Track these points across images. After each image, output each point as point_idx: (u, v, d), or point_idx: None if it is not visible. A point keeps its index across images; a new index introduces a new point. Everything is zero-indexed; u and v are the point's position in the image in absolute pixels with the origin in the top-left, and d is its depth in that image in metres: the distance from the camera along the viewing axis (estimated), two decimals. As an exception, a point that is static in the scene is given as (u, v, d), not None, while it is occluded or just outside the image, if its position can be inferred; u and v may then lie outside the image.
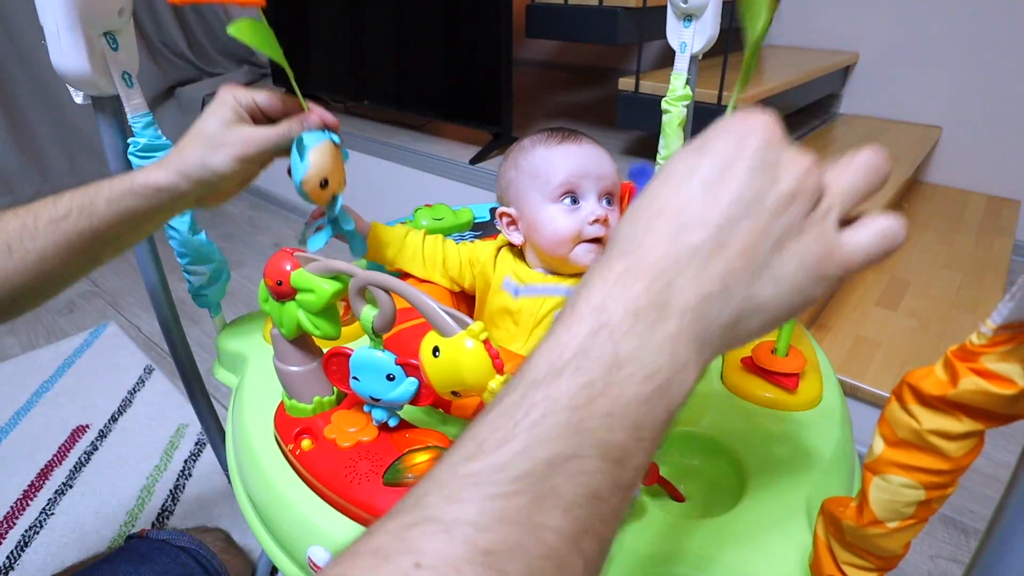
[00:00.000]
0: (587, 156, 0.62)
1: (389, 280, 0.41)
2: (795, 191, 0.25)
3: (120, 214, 0.49)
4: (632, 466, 0.23)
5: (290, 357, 0.49)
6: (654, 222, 0.25)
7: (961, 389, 0.27)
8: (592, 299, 0.24)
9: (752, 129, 0.25)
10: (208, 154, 0.50)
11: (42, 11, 0.52)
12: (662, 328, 0.23)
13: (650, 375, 0.23)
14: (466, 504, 0.20)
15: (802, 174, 0.25)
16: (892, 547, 0.32)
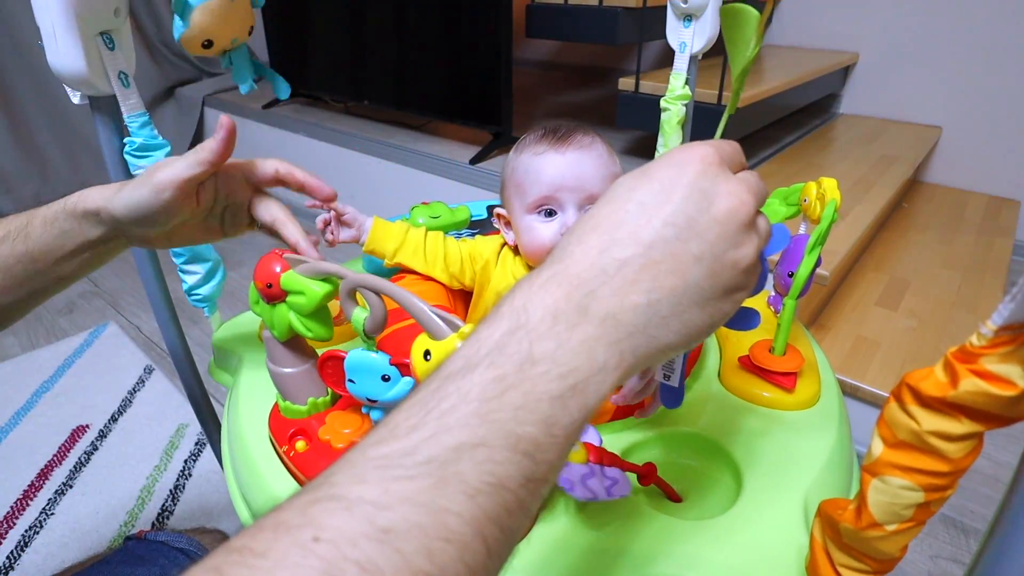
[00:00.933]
0: (568, 166, 0.60)
1: (379, 282, 0.41)
2: (726, 219, 0.26)
3: (53, 236, 0.47)
4: (543, 460, 0.23)
5: (283, 359, 0.49)
6: (587, 236, 0.26)
7: (961, 391, 0.26)
8: (515, 301, 0.25)
9: (691, 159, 0.27)
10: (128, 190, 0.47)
11: (38, 11, 0.52)
12: (580, 331, 0.24)
13: (565, 374, 0.23)
14: (370, 485, 0.21)
15: (735, 204, 0.27)
16: (890, 550, 0.32)
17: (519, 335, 0.24)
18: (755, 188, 0.28)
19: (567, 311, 0.24)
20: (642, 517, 0.43)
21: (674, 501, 0.46)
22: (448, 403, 0.22)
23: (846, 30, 2.01)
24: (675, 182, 0.26)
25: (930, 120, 1.96)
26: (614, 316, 0.25)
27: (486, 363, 0.23)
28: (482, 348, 0.24)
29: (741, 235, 0.27)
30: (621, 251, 0.25)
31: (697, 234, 0.26)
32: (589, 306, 0.24)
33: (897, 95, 2.00)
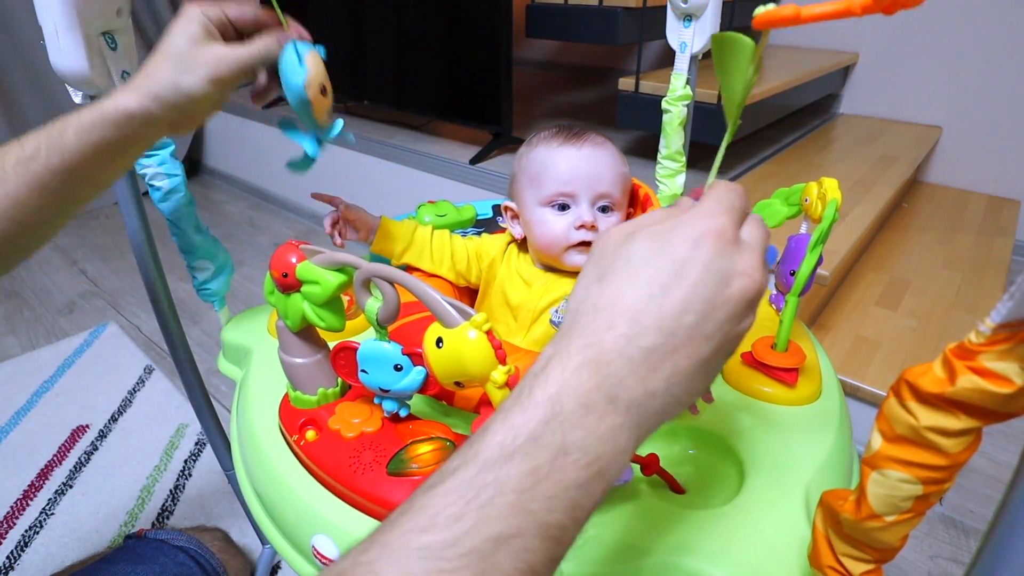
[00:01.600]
0: (584, 160, 0.62)
1: (393, 272, 0.41)
2: (738, 299, 0.28)
3: (92, 145, 0.46)
4: (566, 541, 0.25)
5: (295, 349, 0.50)
6: (615, 321, 0.27)
7: (959, 387, 0.27)
8: (549, 388, 0.26)
9: (707, 235, 0.28)
10: (180, 76, 0.46)
11: (40, 11, 0.52)
12: (608, 420, 0.26)
13: (591, 461, 0.25)
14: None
15: (747, 284, 0.28)
16: (889, 540, 0.32)
17: (553, 425, 0.25)
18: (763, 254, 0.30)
19: (597, 402, 0.26)
20: (644, 506, 0.44)
21: (677, 492, 0.46)
22: (487, 495, 0.24)
23: (846, 30, 2.01)
24: (692, 260, 0.27)
25: (930, 120, 1.96)
26: (638, 405, 0.26)
27: (522, 453, 0.25)
28: (519, 437, 0.25)
29: (748, 311, 0.29)
30: (646, 340, 0.27)
31: (712, 316, 0.27)
32: (618, 396, 0.26)
33: (897, 95, 2.00)
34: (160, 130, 0.49)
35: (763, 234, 0.30)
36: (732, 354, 0.29)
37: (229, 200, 2.35)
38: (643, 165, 1.55)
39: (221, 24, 0.49)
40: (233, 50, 0.48)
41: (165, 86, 0.46)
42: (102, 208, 2.28)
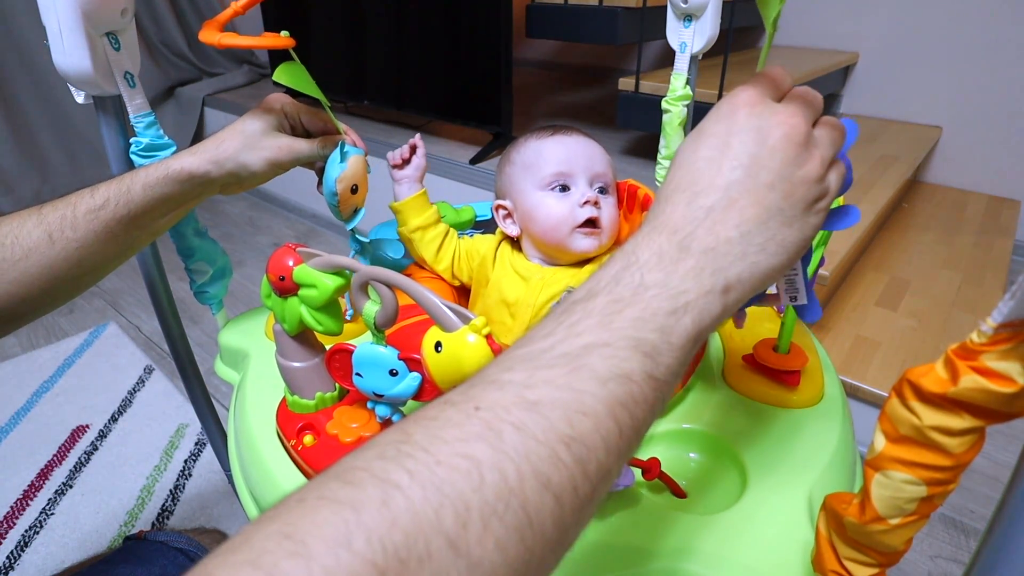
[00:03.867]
0: (577, 146, 0.64)
1: (391, 275, 0.41)
2: (783, 145, 0.30)
3: (155, 199, 0.52)
4: (662, 363, 0.27)
5: (292, 353, 0.50)
6: (672, 196, 0.30)
7: (961, 387, 0.27)
8: (625, 248, 0.29)
9: (736, 106, 0.31)
10: (245, 152, 0.55)
11: (44, 11, 0.52)
12: (684, 264, 0.28)
13: (675, 295, 0.27)
14: (516, 372, 0.25)
15: (787, 131, 0.30)
16: (894, 543, 0.32)
17: (631, 270, 0.28)
18: (802, 108, 0.31)
19: (670, 251, 0.28)
20: (646, 511, 0.44)
21: (679, 497, 0.46)
22: (575, 318, 0.27)
23: (846, 30, 2.01)
24: (729, 130, 0.30)
25: (930, 120, 1.96)
26: (713, 249, 0.28)
27: (605, 291, 0.27)
28: (601, 281, 0.28)
29: (802, 154, 0.30)
30: (704, 199, 0.29)
31: (763, 166, 0.29)
32: (689, 245, 0.28)
33: (897, 95, 2.00)
34: (214, 189, 0.57)
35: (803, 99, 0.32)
36: (820, 199, 0.31)
37: (229, 200, 2.35)
38: (643, 165, 1.55)
39: (294, 121, 0.58)
40: (294, 143, 0.57)
41: (229, 157, 0.54)
42: (102, 208, 2.28)
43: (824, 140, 0.32)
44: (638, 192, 0.69)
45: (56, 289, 0.51)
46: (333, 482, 0.21)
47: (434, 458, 0.21)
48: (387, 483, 0.20)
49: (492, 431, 0.22)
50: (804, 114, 0.31)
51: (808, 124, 0.31)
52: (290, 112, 0.57)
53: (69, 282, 0.52)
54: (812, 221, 0.31)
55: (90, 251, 0.51)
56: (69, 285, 0.52)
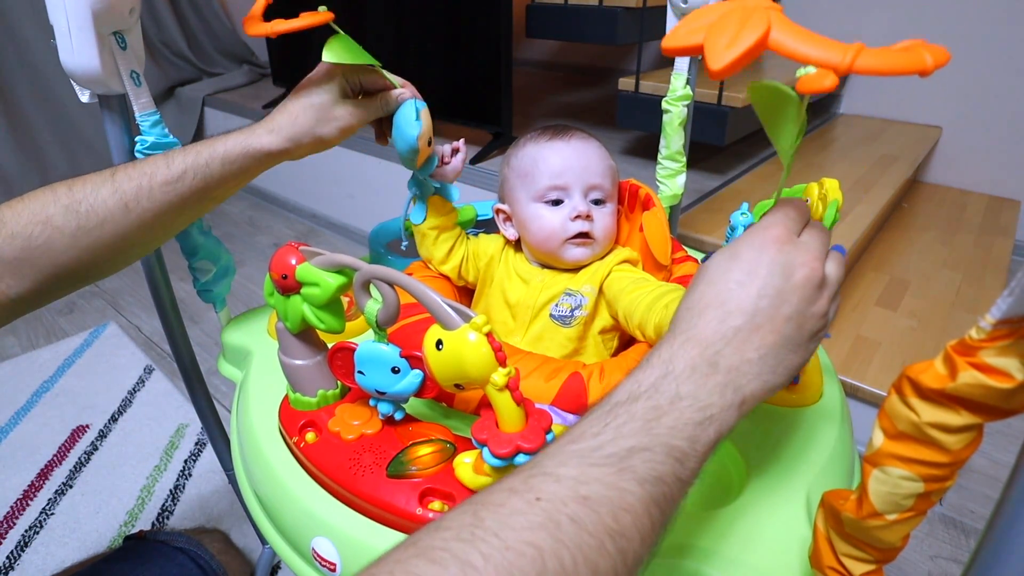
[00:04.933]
0: (573, 153, 0.63)
1: (393, 274, 0.41)
2: (804, 284, 0.34)
3: (232, 174, 0.54)
4: (689, 467, 0.31)
5: (295, 351, 0.50)
6: (705, 312, 0.34)
7: (960, 383, 0.27)
8: (662, 355, 0.33)
9: (767, 242, 0.35)
10: (319, 125, 0.56)
11: (53, 10, 0.52)
12: (712, 379, 0.32)
13: (703, 407, 0.32)
14: (571, 467, 0.29)
15: (808, 273, 0.34)
16: (891, 539, 0.32)
17: (668, 380, 0.32)
18: (820, 249, 0.36)
19: (701, 365, 0.32)
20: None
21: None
22: (620, 420, 0.31)
23: (846, 30, 2.02)
24: (759, 261, 0.34)
25: (930, 120, 1.96)
26: (736, 368, 0.33)
27: (645, 397, 0.31)
28: (642, 386, 0.32)
29: (816, 293, 0.35)
30: (734, 320, 0.33)
31: (785, 300, 0.34)
32: (718, 362, 0.33)
33: (897, 95, 2.01)
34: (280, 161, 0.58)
35: (820, 234, 0.37)
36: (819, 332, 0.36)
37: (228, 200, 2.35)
38: (643, 165, 1.55)
39: (355, 85, 0.59)
40: (361, 107, 0.58)
41: (304, 132, 0.55)
42: (102, 208, 2.28)
43: (832, 280, 0.36)
44: (639, 192, 0.69)
45: (127, 253, 0.53)
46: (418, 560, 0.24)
47: (504, 543, 0.25)
48: (466, 564, 0.24)
49: (552, 521, 0.26)
50: (822, 255, 0.35)
51: (823, 264, 0.35)
52: (349, 76, 0.58)
53: (140, 246, 0.54)
54: (811, 347, 0.36)
55: (165, 219, 0.52)
56: (140, 249, 0.54)
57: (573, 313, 0.61)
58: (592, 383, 0.51)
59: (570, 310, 0.61)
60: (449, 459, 0.45)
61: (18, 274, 0.47)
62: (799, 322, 0.34)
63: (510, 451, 0.38)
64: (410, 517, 0.42)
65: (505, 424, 0.39)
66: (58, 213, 0.48)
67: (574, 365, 0.53)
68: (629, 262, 0.64)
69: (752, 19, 0.29)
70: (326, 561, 0.44)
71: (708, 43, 0.29)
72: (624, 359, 0.54)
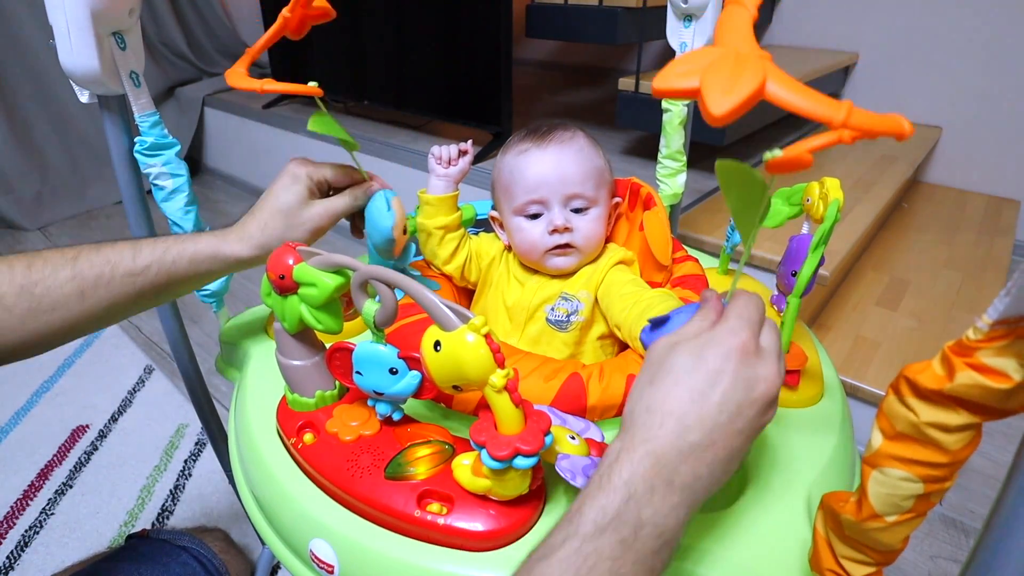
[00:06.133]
0: (551, 163, 0.61)
1: (391, 274, 0.41)
2: (762, 399, 0.35)
3: (198, 275, 0.54)
4: None
5: (292, 351, 0.50)
6: (665, 421, 0.35)
7: (957, 383, 0.27)
8: (623, 474, 0.34)
9: (733, 350, 0.35)
10: (288, 231, 0.55)
11: (52, 11, 0.52)
12: (669, 500, 0.34)
13: (660, 533, 0.33)
14: None
15: (768, 388, 0.35)
16: (890, 541, 0.32)
17: (630, 504, 0.33)
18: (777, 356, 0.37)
19: (659, 485, 0.34)
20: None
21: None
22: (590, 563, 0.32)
23: (846, 30, 2.01)
24: (723, 371, 0.35)
25: (930, 120, 1.96)
26: (690, 486, 0.34)
27: (611, 528, 0.33)
28: (607, 515, 0.33)
29: (772, 405, 0.36)
30: (692, 436, 0.34)
31: (741, 414, 0.35)
32: (674, 480, 0.34)
33: (897, 95, 2.00)
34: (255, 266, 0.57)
35: (777, 338, 0.38)
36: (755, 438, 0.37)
37: (229, 200, 2.35)
38: (643, 165, 1.55)
39: (320, 184, 0.58)
40: (330, 205, 0.57)
41: (275, 239, 0.55)
42: (102, 208, 2.28)
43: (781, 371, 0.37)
44: (641, 191, 0.69)
45: (70, 335, 0.52)
46: None
47: None
48: None
49: None
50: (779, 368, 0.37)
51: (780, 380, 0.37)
52: (316, 176, 0.58)
53: (86, 331, 0.53)
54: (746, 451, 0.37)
55: (117, 309, 0.52)
56: (85, 332, 0.53)
57: (570, 318, 0.61)
58: (591, 384, 0.51)
59: (566, 315, 0.61)
60: (448, 461, 0.44)
61: None
62: (749, 435, 0.36)
63: (508, 453, 0.38)
64: (408, 519, 0.42)
65: (504, 426, 0.39)
66: (11, 292, 0.47)
67: (573, 365, 0.53)
68: (624, 263, 0.64)
69: (747, 67, 0.29)
70: (324, 563, 0.44)
71: (705, 89, 0.29)
72: (624, 359, 0.54)
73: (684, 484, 0.34)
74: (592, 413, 0.51)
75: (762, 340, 0.37)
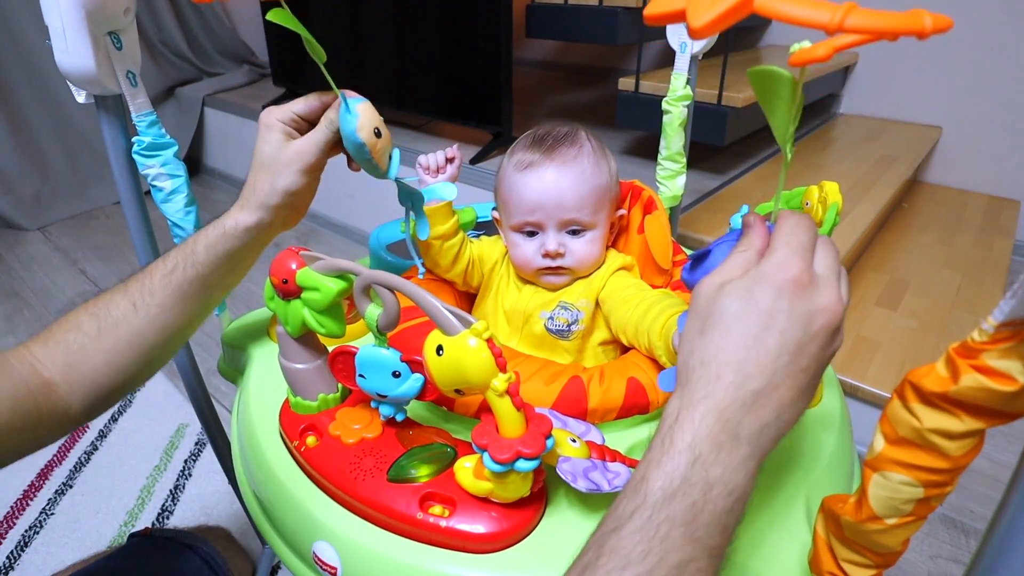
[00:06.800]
0: (547, 187, 0.60)
1: (393, 279, 0.41)
2: (823, 331, 0.33)
3: (218, 256, 0.54)
4: (725, 558, 0.32)
5: (295, 355, 0.50)
6: (723, 374, 0.33)
7: (962, 386, 0.27)
8: (685, 436, 0.32)
9: (786, 283, 0.33)
10: (275, 179, 0.54)
11: (47, 10, 0.52)
12: (737, 453, 0.32)
13: (732, 490, 0.32)
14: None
15: (829, 319, 0.33)
16: (890, 543, 0.32)
17: (697, 466, 0.31)
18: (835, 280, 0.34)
19: (726, 441, 0.32)
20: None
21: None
22: (663, 531, 0.31)
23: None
24: (777, 310, 0.32)
25: (930, 120, 1.96)
26: (757, 435, 0.32)
27: (680, 493, 0.31)
28: (674, 481, 0.31)
29: (834, 336, 0.34)
30: (752, 384, 0.32)
31: (804, 352, 0.33)
32: (739, 433, 0.32)
33: (897, 95, 2.01)
34: (274, 231, 0.57)
35: (834, 259, 0.35)
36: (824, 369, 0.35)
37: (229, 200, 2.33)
38: (643, 165, 1.55)
39: (294, 122, 0.55)
40: (308, 138, 0.54)
41: (268, 193, 0.54)
42: (102, 208, 2.28)
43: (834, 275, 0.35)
44: (642, 194, 0.69)
45: (147, 355, 0.54)
46: None
47: None
48: None
49: None
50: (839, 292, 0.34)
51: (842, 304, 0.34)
52: (285, 117, 0.55)
53: (158, 347, 0.55)
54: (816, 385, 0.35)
55: (170, 314, 0.54)
56: (158, 350, 0.55)
57: (570, 328, 0.61)
58: (592, 387, 0.51)
59: (567, 324, 0.61)
60: (450, 464, 0.45)
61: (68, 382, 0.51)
62: (816, 370, 0.33)
63: (510, 456, 0.38)
64: (411, 521, 0.42)
65: (505, 429, 0.39)
66: (85, 319, 0.52)
67: (574, 369, 0.53)
68: (624, 269, 0.64)
69: None
70: (327, 565, 0.44)
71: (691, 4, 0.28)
72: (624, 362, 0.54)
73: (751, 435, 0.32)
74: (593, 416, 0.51)
75: (816, 266, 0.34)
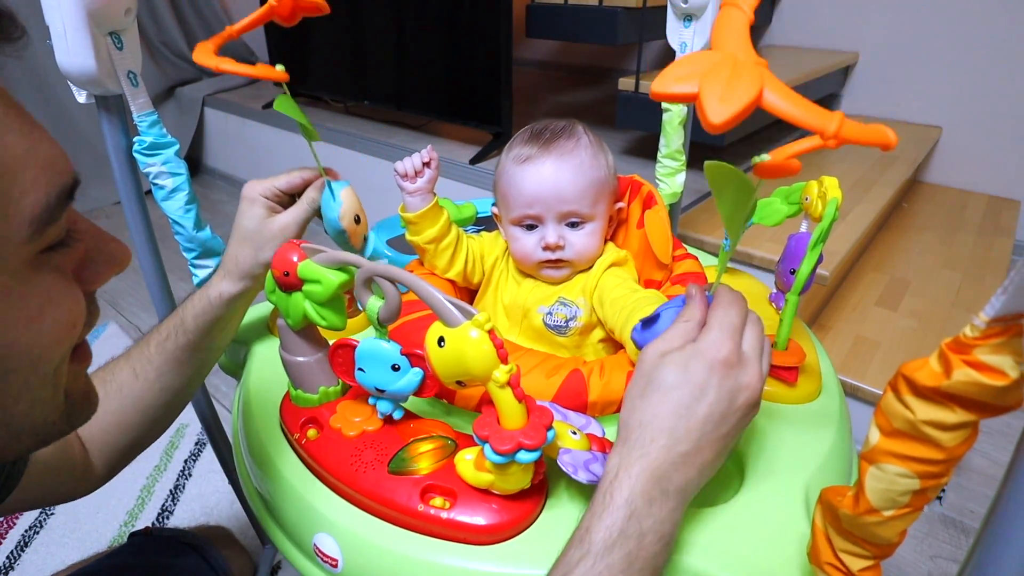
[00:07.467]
0: (546, 180, 0.60)
1: (395, 271, 0.41)
2: (744, 407, 0.40)
3: (206, 325, 0.58)
4: None
5: (296, 348, 0.50)
6: (657, 436, 0.39)
7: (954, 380, 0.27)
8: (624, 492, 0.38)
9: (716, 362, 0.39)
10: (259, 253, 0.58)
11: (48, 11, 0.53)
12: (666, 505, 0.38)
13: (661, 537, 0.37)
14: None
15: (750, 396, 0.39)
16: (888, 535, 0.32)
17: (632, 520, 0.37)
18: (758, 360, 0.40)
19: (657, 496, 0.38)
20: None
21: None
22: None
23: (846, 30, 2.02)
24: (708, 384, 0.39)
25: (930, 120, 1.96)
26: (682, 490, 0.38)
27: (619, 544, 0.36)
28: (613, 532, 0.36)
29: (751, 409, 0.40)
30: (681, 447, 0.38)
31: (726, 422, 0.39)
32: (668, 488, 0.38)
33: (897, 95, 2.01)
34: (255, 294, 0.60)
35: (759, 339, 0.41)
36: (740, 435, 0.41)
37: (229, 200, 2.36)
38: (643, 165, 1.55)
39: (276, 197, 0.60)
40: (290, 215, 0.59)
41: (251, 265, 0.58)
42: (103, 208, 2.28)
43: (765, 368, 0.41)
44: (642, 189, 0.69)
45: (150, 416, 0.58)
46: None
47: None
48: None
49: None
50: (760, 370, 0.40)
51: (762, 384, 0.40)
52: (268, 193, 0.59)
53: (159, 408, 0.58)
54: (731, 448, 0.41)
55: (167, 378, 0.58)
56: (160, 412, 0.59)
57: (568, 324, 0.61)
58: (592, 380, 0.51)
59: (565, 320, 0.61)
60: (450, 455, 0.45)
61: (88, 438, 0.57)
62: (734, 435, 0.40)
63: (512, 447, 0.38)
64: (412, 513, 0.42)
65: (507, 420, 0.39)
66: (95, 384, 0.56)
67: (574, 362, 0.53)
68: (616, 264, 0.63)
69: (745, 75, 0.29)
70: (328, 557, 0.44)
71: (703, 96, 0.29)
72: (624, 357, 0.54)
73: (677, 489, 0.38)
74: (593, 409, 0.51)
75: (744, 345, 0.40)
